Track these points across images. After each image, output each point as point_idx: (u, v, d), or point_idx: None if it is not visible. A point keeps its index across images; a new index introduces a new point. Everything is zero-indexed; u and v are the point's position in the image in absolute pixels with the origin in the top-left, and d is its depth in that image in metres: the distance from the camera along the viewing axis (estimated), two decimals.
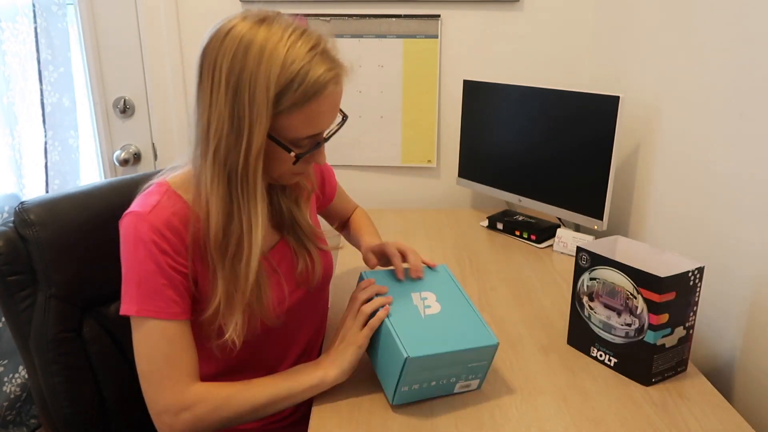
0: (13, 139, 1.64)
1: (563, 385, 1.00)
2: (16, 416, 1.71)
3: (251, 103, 0.81)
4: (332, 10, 1.89)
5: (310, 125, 0.87)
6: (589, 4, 1.89)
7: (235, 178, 0.86)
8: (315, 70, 0.83)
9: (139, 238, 0.87)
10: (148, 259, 0.86)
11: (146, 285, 0.87)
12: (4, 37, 1.61)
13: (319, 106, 0.85)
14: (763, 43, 1.06)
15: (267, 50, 0.81)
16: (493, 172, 1.81)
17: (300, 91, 0.82)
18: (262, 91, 0.80)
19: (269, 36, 0.81)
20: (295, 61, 0.81)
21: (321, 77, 0.83)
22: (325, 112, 0.87)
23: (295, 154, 0.88)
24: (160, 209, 0.88)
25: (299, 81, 0.82)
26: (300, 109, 0.84)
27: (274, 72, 0.80)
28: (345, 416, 0.92)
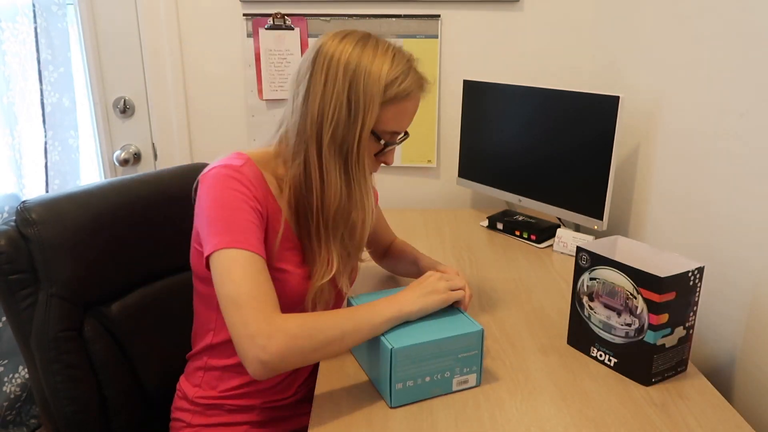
0: (13, 139, 1.64)
1: (563, 385, 1.01)
2: (16, 416, 1.71)
3: (366, 91, 0.96)
4: (332, 10, 1.89)
5: (398, 121, 1.01)
6: (589, 4, 1.89)
7: (350, 157, 0.99)
8: (412, 74, 1.00)
9: (232, 180, 0.95)
10: (239, 199, 0.94)
11: (237, 222, 0.92)
12: (4, 37, 1.61)
13: (408, 105, 1.01)
14: (764, 42, 1.06)
15: (378, 53, 0.98)
16: (493, 172, 1.81)
17: (402, 87, 0.98)
18: (375, 81, 0.96)
19: (377, 44, 1.00)
20: (399, 64, 0.99)
21: (416, 81, 1.01)
22: (410, 113, 1.03)
23: (384, 142, 1.02)
24: (246, 168, 0.98)
25: (401, 79, 0.98)
26: (397, 104, 0.99)
27: (384, 69, 0.97)
28: (345, 416, 0.92)
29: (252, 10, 1.90)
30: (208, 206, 0.94)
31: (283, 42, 1.91)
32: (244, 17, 1.91)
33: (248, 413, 1.10)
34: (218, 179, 0.95)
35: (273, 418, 1.12)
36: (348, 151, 0.99)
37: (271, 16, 1.90)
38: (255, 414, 1.10)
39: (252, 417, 1.10)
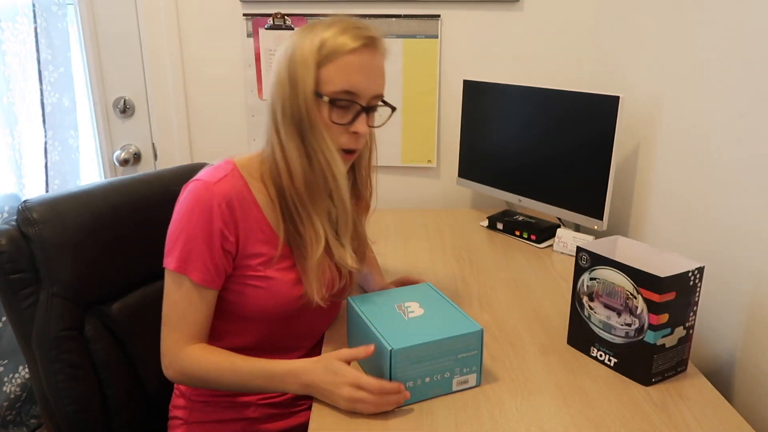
0: (13, 139, 1.64)
1: (563, 385, 1.01)
2: (16, 416, 1.71)
3: (301, 60, 0.97)
4: (332, 10, 1.89)
5: (341, 76, 0.98)
6: (589, 4, 1.89)
7: (304, 125, 0.99)
8: (351, 32, 0.98)
9: (199, 202, 0.97)
10: (202, 223, 0.96)
11: (191, 246, 0.96)
12: (4, 37, 1.61)
13: (350, 59, 0.97)
14: (764, 42, 1.06)
15: (317, 28, 0.99)
16: (493, 172, 1.82)
17: (333, 45, 0.97)
18: (308, 47, 0.97)
19: (320, 21, 1.01)
20: (335, 27, 0.98)
21: (354, 36, 0.98)
22: (357, 68, 0.98)
23: (329, 99, 0.98)
24: (225, 183, 0.99)
25: (333, 39, 0.97)
26: (332, 62, 0.97)
27: (318, 35, 0.98)
28: (345, 416, 0.92)
29: (252, 10, 1.90)
30: (174, 220, 0.99)
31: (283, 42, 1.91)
32: (244, 17, 1.91)
33: (244, 410, 1.11)
34: (191, 196, 0.98)
35: (269, 415, 1.13)
36: (299, 120, 0.99)
37: (271, 16, 1.90)
38: (251, 411, 1.11)
39: (248, 414, 1.11)
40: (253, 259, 1.01)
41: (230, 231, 0.98)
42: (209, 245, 0.96)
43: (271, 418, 1.13)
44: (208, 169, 1.02)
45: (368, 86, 1.00)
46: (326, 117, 0.99)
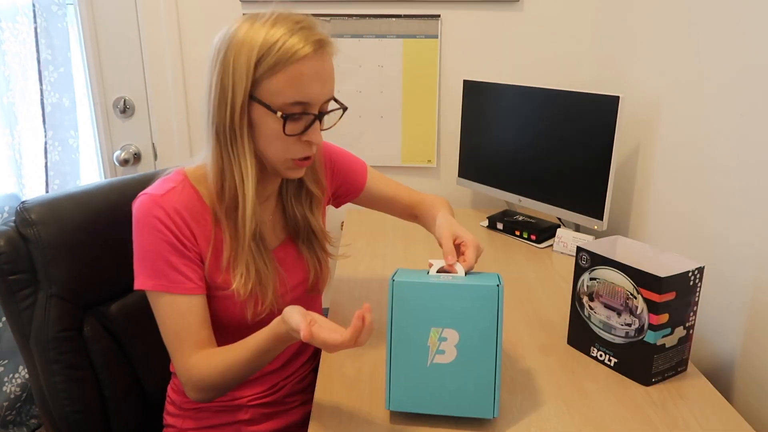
0: (13, 139, 1.64)
1: (563, 385, 1.00)
2: (16, 416, 1.71)
3: (235, 67, 0.90)
4: (332, 10, 1.89)
5: (294, 88, 0.90)
6: (589, 4, 1.89)
7: (223, 136, 0.94)
8: (296, 36, 0.90)
9: (146, 216, 0.94)
10: (159, 237, 0.94)
11: (157, 262, 0.94)
12: (4, 37, 1.61)
13: (301, 67, 0.90)
14: (763, 43, 1.06)
15: (252, 29, 0.91)
16: (493, 172, 1.81)
17: (281, 51, 0.89)
18: (245, 56, 0.89)
19: (255, 21, 0.92)
20: (277, 32, 0.90)
21: (301, 41, 0.89)
22: (308, 76, 0.91)
23: (282, 114, 0.91)
24: (172, 195, 0.96)
25: (279, 45, 0.89)
26: (281, 71, 0.89)
27: (256, 41, 0.89)
28: (345, 416, 0.92)
29: (252, 10, 1.89)
30: (134, 241, 0.96)
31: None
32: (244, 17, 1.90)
33: (236, 413, 1.10)
34: (139, 216, 0.95)
35: (262, 415, 1.12)
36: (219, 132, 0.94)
37: None
38: (242, 413, 1.11)
39: (240, 416, 1.11)
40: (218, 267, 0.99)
41: (186, 237, 0.95)
42: (172, 255, 0.94)
43: (264, 418, 1.13)
44: (158, 181, 0.99)
45: (320, 93, 0.93)
46: (276, 129, 0.92)
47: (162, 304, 0.95)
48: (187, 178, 0.99)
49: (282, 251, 1.08)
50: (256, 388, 1.11)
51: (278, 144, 0.94)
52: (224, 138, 0.94)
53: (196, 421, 1.10)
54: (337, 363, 1.07)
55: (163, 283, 0.94)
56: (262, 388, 1.12)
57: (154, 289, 0.95)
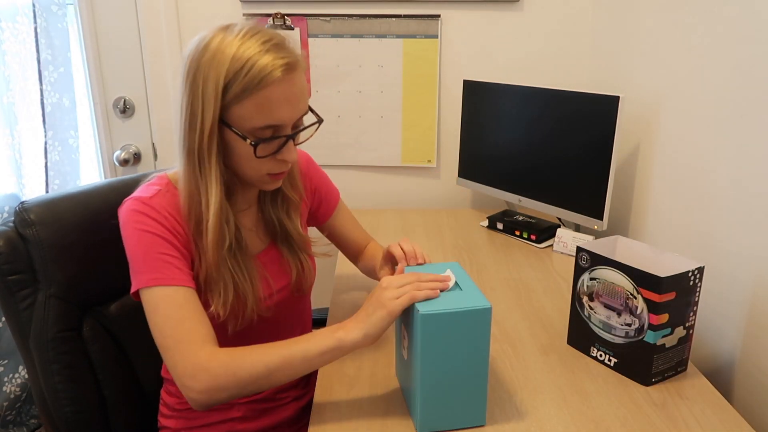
0: (13, 139, 1.65)
1: (563, 385, 1.00)
2: (16, 416, 1.71)
3: (204, 92, 0.88)
4: (332, 10, 1.89)
5: (263, 114, 0.89)
6: (588, 4, 1.89)
7: (192, 159, 0.93)
8: (264, 59, 0.87)
9: (138, 215, 0.92)
10: (149, 233, 0.92)
11: (150, 257, 0.91)
12: (4, 37, 1.61)
13: (270, 93, 0.88)
14: (763, 43, 1.06)
15: (221, 47, 0.88)
16: (493, 172, 1.81)
17: (248, 77, 0.87)
18: (213, 81, 0.87)
19: (225, 36, 0.89)
20: (245, 53, 0.87)
21: (269, 65, 0.87)
22: (277, 101, 0.89)
23: (251, 141, 0.90)
24: (159, 197, 0.95)
25: (247, 69, 0.87)
26: (249, 97, 0.88)
27: (224, 64, 0.87)
28: (345, 416, 0.92)
29: (252, 10, 1.90)
30: (125, 246, 0.94)
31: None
32: (244, 17, 1.90)
33: (228, 411, 1.11)
34: (128, 217, 0.93)
35: (254, 412, 1.13)
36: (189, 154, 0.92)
37: (271, 16, 1.89)
38: (235, 410, 1.11)
39: (233, 414, 1.11)
40: None
41: (178, 233, 0.94)
42: (165, 248, 0.92)
43: (256, 414, 1.13)
44: (141, 186, 0.98)
45: (291, 115, 0.92)
46: (248, 152, 0.91)
47: (159, 299, 0.90)
48: (170, 182, 0.98)
49: (266, 255, 1.09)
50: None
51: (251, 164, 0.94)
52: (193, 160, 0.93)
53: (188, 420, 1.10)
54: (337, 362, 1.07)
55: (158, 276, 0.90)
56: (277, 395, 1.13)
57: (149, 284, 0.90)
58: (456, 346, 0.84)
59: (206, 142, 0.91)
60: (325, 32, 1.91)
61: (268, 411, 1.15)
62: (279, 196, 1.09)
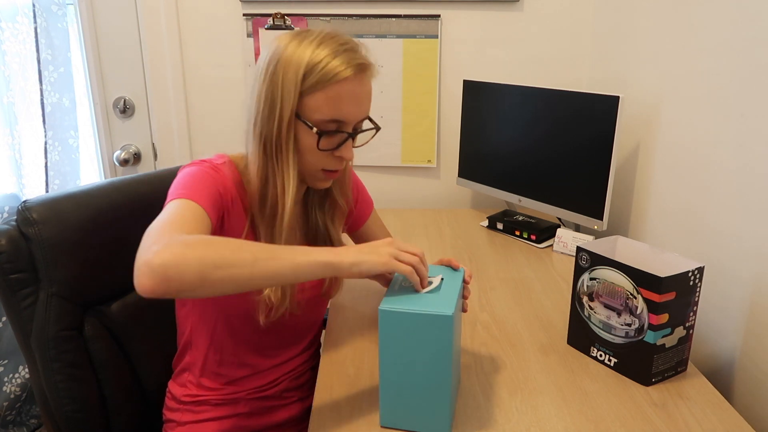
0: (13, 139, 1.65)
1: (563, 385, 1.01)
2: (16, 416, 1.71)
3: (284, 82, 0.94)
4: (332, 10, 1.89)
5: (331, 107, 0.95)
6: (589, 4, 1.89)
7: (270, 147, 0.97)
8: (339, 57, 0.95)
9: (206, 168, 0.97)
10: (207, 179, 0.95)
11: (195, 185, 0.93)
12: (4, 37, 1.61)
13: (340, 88, 0.95)
14: (763, 43, 1.06)
15: (303, 44, 0.95)
16: (493, 172, 1.82)
17: (324, 71, 0.94)
18: (293, 72, 0.94)
19: (306, 35, 0.97)
20: (324, 50, 0.95)
21: (343, 62, 0.94)
22: (346, 97, 0.96)
23: (318, 131, 0.96)
24: (226, 168, 1.00)
25: (323, 65, 0.94)
26: (322, 89, 0.94)
27: (304, 57, 0.94)
28: (345, 416, 0.92)
29: (252, 10, 1.90)
30: (177, 179, 0.96)
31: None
32: (244, 17, 1.91)
33: (234, 406, 1.11)
34: (194, 166, 0.98)
35: (260, 409, 1.14)
36: (267, 141, 0.97)
37: (271, 16, 1.90)
38: (241, 406, 1.12)
39: (238, 409, 1.12)
40: None
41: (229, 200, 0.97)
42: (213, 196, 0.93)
43: (262, 411, 1.14)
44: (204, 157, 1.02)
45: (356, 114, 0.98)
46: (311, 143, 0.97)
47: (178, 204, 0.88)
48: (230, 162, 1.02)
49: None
50: (255, 383, 1.12)
51: (311, 157, 0.99)
52: (270, 149, 0.97)
53: (194, 414, 1.11)
54: (338, 361, 1.07)
55: (190, 195, 0.90)
56: (261, 382, 1.13)
57: (178, 197, 0.89)
58: (416, 348, 0.85)
59: (285, 130, 0.96)
60: None
61: (274, 409, 1.15)
62: (327, 201, 1.12)
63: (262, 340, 1.11)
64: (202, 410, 1.11)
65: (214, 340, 1.08)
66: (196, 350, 1.10)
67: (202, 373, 1.10)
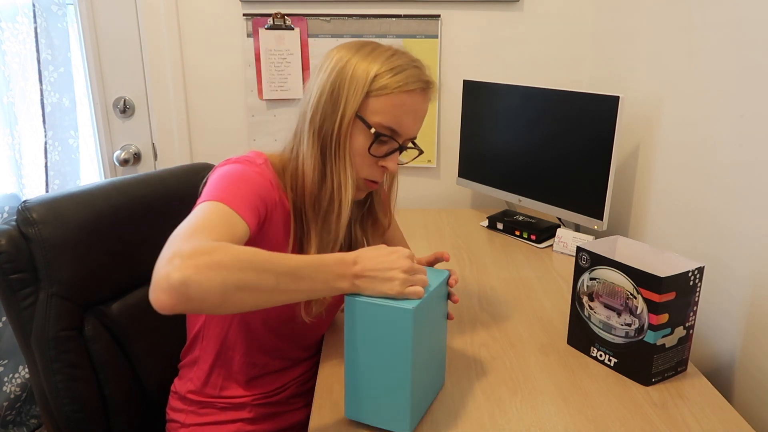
0: (13, 139, 1.65)
1: (563, 385, 1.01)
2: (16, 416, 1.71)
3: (352, 78, 0.95)
4: (332, 10, 1.89)
5: (393, 114, 0.96)
6: (589, 4, 1.89)
7: (329, 142, 0.97)
8: (413, 70, 0.98)
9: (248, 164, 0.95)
10: (246, 180, 0.91)
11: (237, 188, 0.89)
12: (4, 37, 1.61)
13: (406, 99, 0.97)
14: (763, 43, 1.06)
15: (374, 52, 0.97)
16: (493, 172, 1.82)
17: (396, 77, 0.95)
18: (364, 70, 0.95)
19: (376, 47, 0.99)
20: (397, 61, 0.97)
21: (415, 75, 0.97)
22: (408, 109, 0.97)
23: (375, 131, 0.96)
24: (265, 167, 0.98)
25: (395, 72, 0.96)
26: (390, 94, 0.95)
27: (377, 62, 0.96)
28: (345, 416, 0.92)
29: (252, 10, 1.90)
30: (213, 178, 0.91)
31: (283, 42, 1.91)
32: (244, 17, 1.91)
33: (240, 410, 1.11)
34: (235, 165, 0.94)
35: (266, 414, 1.13)
36: (328, 137, 0.96)
37: (271, 16, 1.90)
38: (247, 411, 1.11)
39: (244, 414, 1.11)
40: None
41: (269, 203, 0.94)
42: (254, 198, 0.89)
43: (267, 417, 1.13)
44: (240, 156, 0.99)
45: (411, 128, 1.00)
46: (363, 145, 0.97)
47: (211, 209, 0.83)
48: (268, 161, 1.00)
49: None
50: (261, 388, 1.12)
51: (359, 160, 0.99)
52: (330, 143, 0.97)
53: (199, 416, 1.10)
54: (338, 363, 1.07)
55: (229, 200, 0.85)
56: (267, 388, 1.12)
57: (213, 199, 0.85)
58: (378, 341, 0.85)
59: (345, 127, 0.96)
60: (324, 32, 1.91)
61: (279, 414, 1.15)
62: (370, 219, 1.12)
63: (275, 341, 1.10)
64: (207, 413, 1.10)
65: (229, 337, 1.07)
66: (206, 343, 1.09)
67: (212, 369, 1.09)
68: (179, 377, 1.15)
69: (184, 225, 0.79)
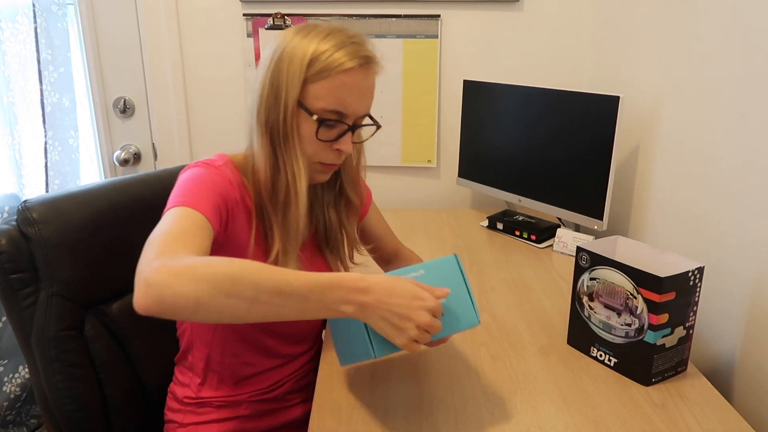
0: (13, 139, 1.65)
1: (563, 385, 1.01)
2: (16, 416, 1.71)
3: (288, 68, 0.94)
4: (332, 10, 1.89)
5: (334, 96, 0.95)
6: (589, 4, 1.89)
7: (276, 134, 0.97)
8: (344, 50, 0.95)
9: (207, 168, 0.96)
10: (208, 183, 0.93)
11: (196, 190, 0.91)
12: (4, 37, 1.61)
13: (345, 78, 0.95)
14: (764, 43, 1.06)
15: (310, 35, 0.96)
16: (493, 172, 1.82)
17: (330, 59, 0.94)
18: (299, 59, 0.94)
19: (314, 27, 0.98)
20: (332, 40, 0.95)
21: (347, 55, 0.95)
22: (349, 88, 0.96)
23: (317, 118, 0.95)
24: (225, 167, 0.98)
25: (328, 54, 0.94)
26: (327, 78, 0.94)
27: (310, 47, 0.94)
28: (345, 416, 0.93)
29: (252, 10, 1.90)
30: (177, 185, 0.94)
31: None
32: (244, 17, 1.91)
33: (236, 408, 1.11)
34: (195, 169, 0.96)
35: (262, 411, 1.13)
36: (274, 129, 0.96)
37: (271, 16, 1.90)
38: (243, 408, 1.12)
39: (241, 411, 1.11)
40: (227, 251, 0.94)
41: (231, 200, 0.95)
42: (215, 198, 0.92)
43: (264, 414, 1.14)
44: (202, 159, 1.00)
45: (358, 107, 0.98)
46: (310, 132, 0.97)
47: (177, 212, 0.86)
48: (231, 161, 1.01)
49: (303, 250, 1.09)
50: (258, 385, 1.12)
51: (310, 147, 0.98)
52: (277, 136, 0.97)
53: (197, 415, 1.11)
54: (338, 362, 1.07)
55: (192, 202, 0.88)
56: (263, 384, 1.13)
57: (177, 205, 0.87)
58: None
59: (290, 116, 0.96)
60: None
61: (276, 411, 1.15)
62: (342, 199, 1.11)
63: (265, 339, 1.10)
64: (204, 411, 1.11)
65: (216, 340, 1.08)
66: (197, 350, 1.10)
67: (205, 374, 1.10)
68: (176, 382, 1.15)
69: (158, 231, 0.82)
